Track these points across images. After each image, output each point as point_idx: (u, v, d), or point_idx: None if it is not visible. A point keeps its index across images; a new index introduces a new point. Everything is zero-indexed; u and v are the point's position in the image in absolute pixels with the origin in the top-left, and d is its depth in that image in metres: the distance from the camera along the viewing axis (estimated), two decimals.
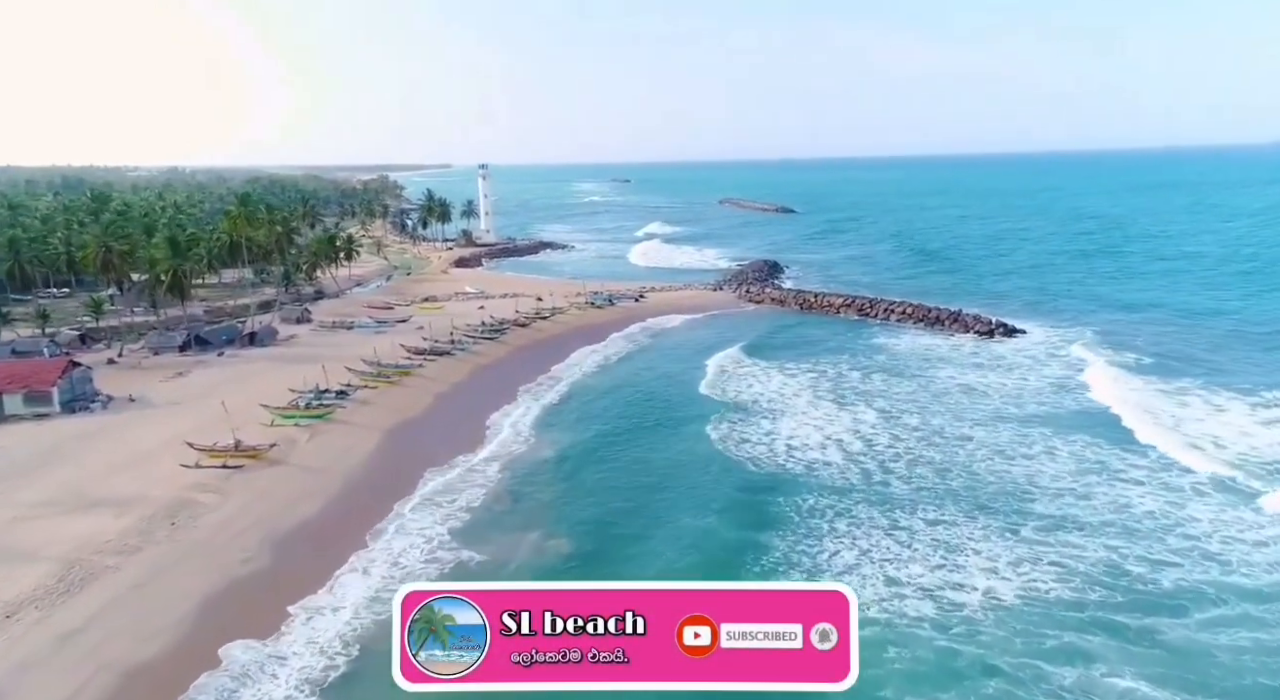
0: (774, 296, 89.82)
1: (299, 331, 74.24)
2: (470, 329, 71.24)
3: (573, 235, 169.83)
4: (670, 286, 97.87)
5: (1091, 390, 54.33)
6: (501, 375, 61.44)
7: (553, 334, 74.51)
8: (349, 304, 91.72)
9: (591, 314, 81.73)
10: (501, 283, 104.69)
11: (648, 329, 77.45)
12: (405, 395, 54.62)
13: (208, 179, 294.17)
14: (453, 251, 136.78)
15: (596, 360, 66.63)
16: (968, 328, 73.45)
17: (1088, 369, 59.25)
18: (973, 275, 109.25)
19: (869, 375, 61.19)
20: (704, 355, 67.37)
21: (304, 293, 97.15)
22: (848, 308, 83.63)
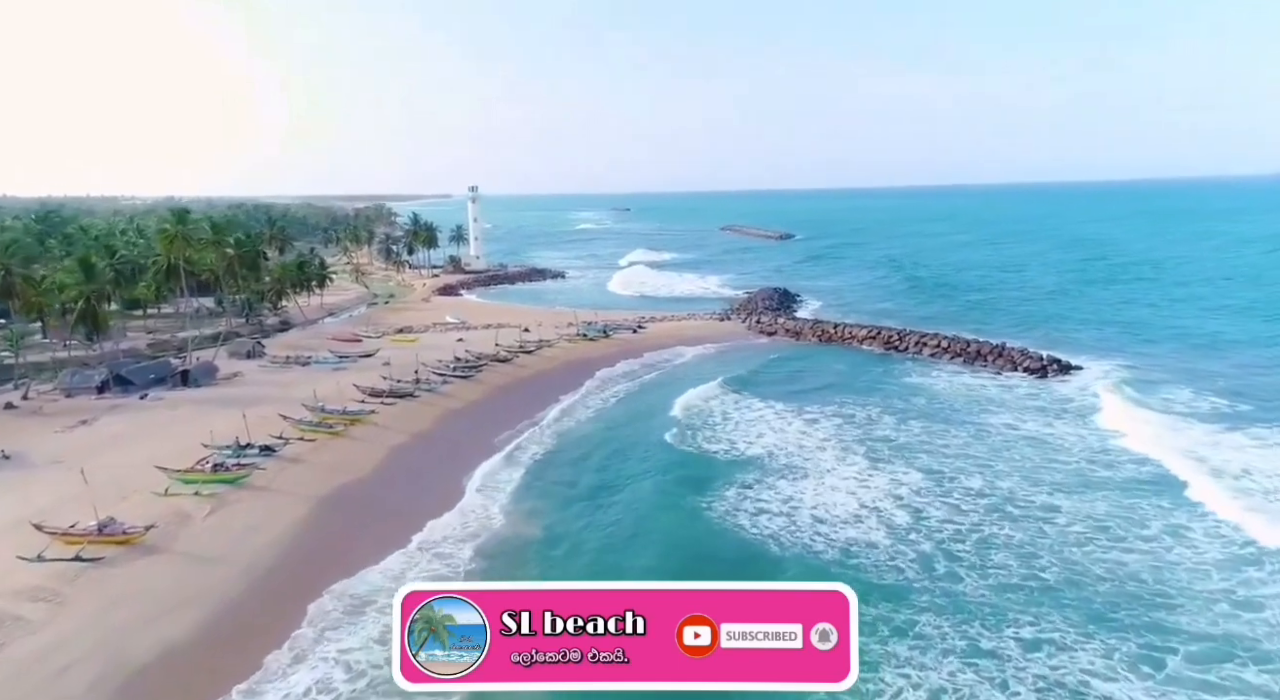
0: (788, 327, 79.83)
1: (245, 369, 64.06)
2: (442, 365, 61.16)
3: (568, 262, 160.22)
4: (672, 316, 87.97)
5: (1203, 448, 43.95)
6: (474, 422, 51.21)
7: (539, 370, 64.38)
8: (314, 336, 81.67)
9: (584, 347, 71.69)
10: (486, 312, 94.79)
11: (647, 365, 67.30)
12: (351, 450, 44.28)
13: (198, 207, 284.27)
14: (438, 278, 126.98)
15: (589, 403, 56.41)
16: (1014, 364, 63.35)
17: (1182, 418, 49.06)
18: (993, 303, 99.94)
19: (906, 421, 50.98)
20: (709, 396, 57.21)
21: (266, 324, 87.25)
22: (872, 340, 73.59)
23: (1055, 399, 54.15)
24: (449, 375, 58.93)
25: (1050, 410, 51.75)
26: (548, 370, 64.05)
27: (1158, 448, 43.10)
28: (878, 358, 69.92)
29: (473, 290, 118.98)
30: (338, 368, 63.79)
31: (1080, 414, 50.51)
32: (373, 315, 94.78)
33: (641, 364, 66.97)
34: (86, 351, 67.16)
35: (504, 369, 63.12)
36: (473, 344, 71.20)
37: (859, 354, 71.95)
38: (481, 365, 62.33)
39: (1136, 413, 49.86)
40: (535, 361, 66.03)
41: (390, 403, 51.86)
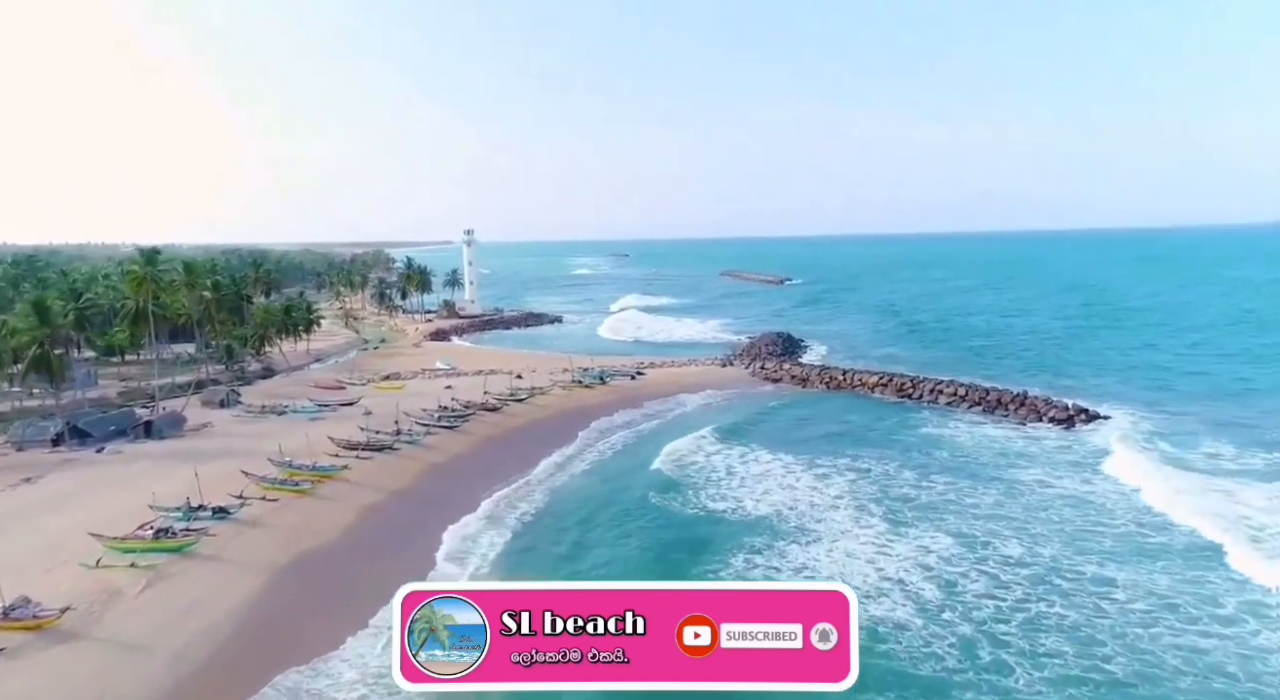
0: (794, 373, 75.74)
1: (217, 419, 59.77)
2: (426, 415, 56.90)
3: (565, 306, 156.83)
4: (672, 362, 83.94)
5: (1266, 512, 39.45)
6: (458, 478, 46.78)
7: (531, 420, 60.07)
8: (296, 383, 77.48)
9: (580, 395, 67.48)
10: (478, 357, 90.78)
11: (647, 414, 63.01)
12: (318, 511, 39.80)
13: (196, 253, 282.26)
14: (431, 323, 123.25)
15: (584, 456, 52.00)
16: (1039, 413, 59.14)
17: (1235, 477, 44.64)
18: (1001, 348, 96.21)
19: (928, 477, 46.58)
20: (713, 449, 52.96)
21: (248, 370, 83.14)
22: (884, 387, 69.43)
23: (1089, 452, 49.79)
24: (433, 426, 54.63)
25: (1085, 465, 47.37)
26: (540, 420, 59.77)
27: (1216, 511, 38.60)
28: (891, 406, 65.69)
29: (466, 335, 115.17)
30: (315, 417, 59.53)
31: (1118, 470, 46.10)
32: (359, 361, 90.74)
33: (641, 413, 62.70)
34: (48, 401, 62.99)
35: (493, 419, 58.85)
36: (461, 391, 67.03)
37: (870, 402, 67.76)
38: (469, 414, 58.07)
39: (1182, 470, 45.47)
40: (527, 410, 61.79)
41: (366, 457, 47.49)
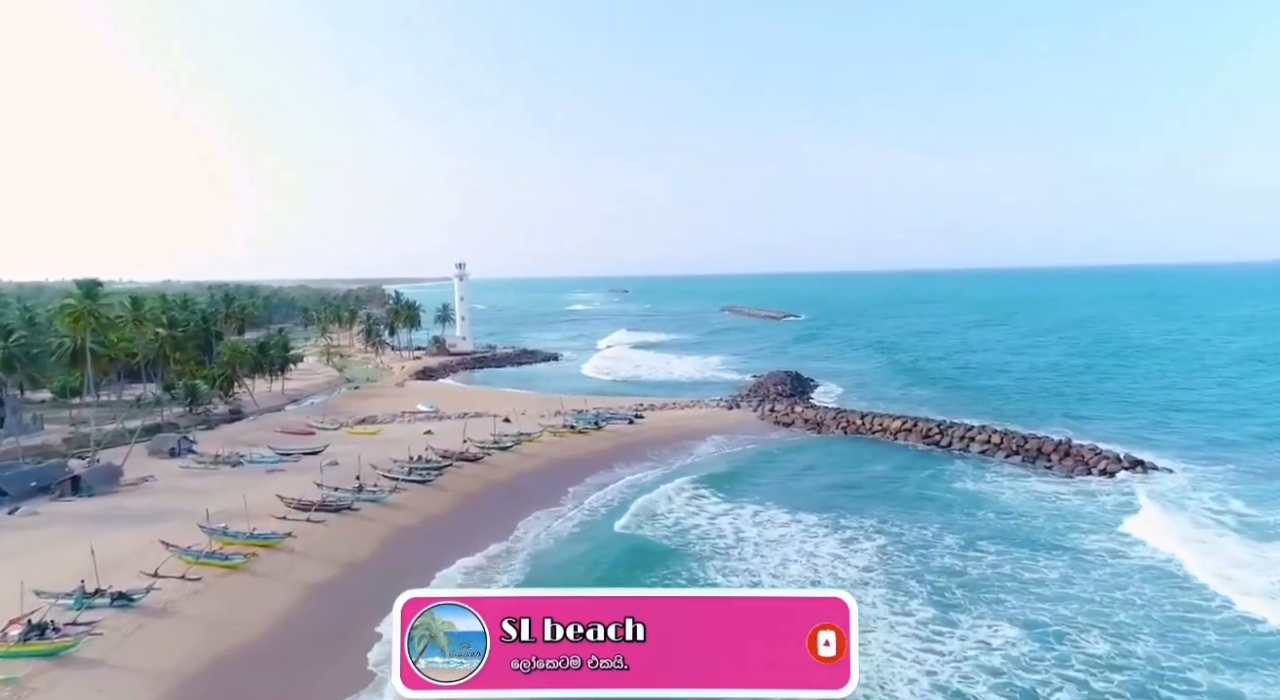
0: (807, 417, 68.97)
1: (163, 471, 52.87)
2: (397, 467, 50.07)
3: (560, 343, 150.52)
4: (674, 403, 77.19)
5: None
6: (424, 546, 39.77)
7: (517, 472, 53.15)
8: (263, 427, 70.66)
9: (573, 442, 60.64)
10: (465, 398, 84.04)
11: (647, 463, 56.15)
12: (249, 593, 32.82)
13: (188, 290, 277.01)
14: (419, 361, 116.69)
15: (574, 517, 44.98)
16: (1085, 464, 52.38)
17: None
18: (1021, 387, 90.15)
19: (974, 544, 39.66)
20: (722, 509, 46.14)
21: (214, 413, 76.36)
22: (908, 433, 62.65)
23: (1157, 513, 42.79)
24: (403, 480, 47.75)
25: (1157, 529, 40.38)
26: (527, 472, 52.90)
27: None
28: (918, 455, 58.87)
29: (456, 374, 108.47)
30: (274, 469, 52.73)
31: (1200, 538, 39.18)
32: (335, 403, 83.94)
33: (640, 464, 55.80)
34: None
35: (473, 471, 51.98)
36: (442, 437, 60.31)
37: (894, 449, 60.94)
38: (445, 466, 51.20)
39: (1275, 539, 38.58)
40: (512, 460, 54.92)
41: (319, 519, 40.55)
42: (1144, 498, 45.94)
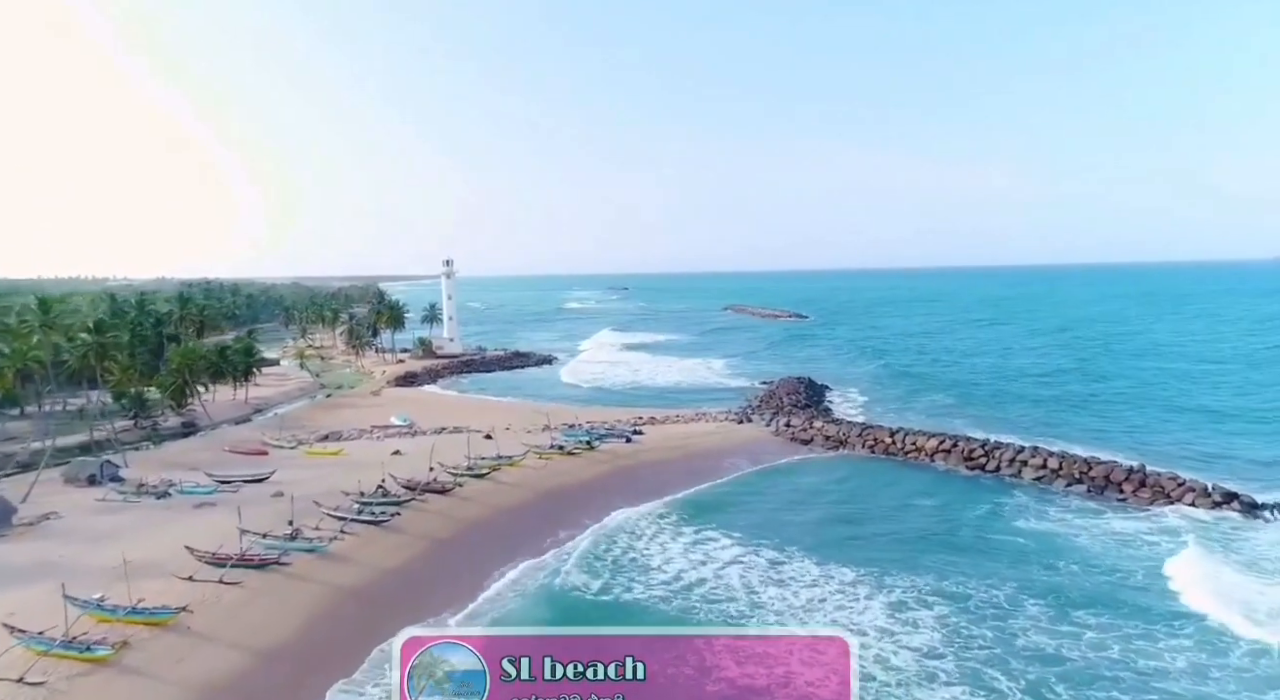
0: (829, 433, 60.35)
1: (74, 503, 44.26)
2: (348, 502, 41.44)
3: (556, 344, 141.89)
4: (676, 415, 68.58)
5: None
6: (365, 617, 31.13)
7: (493, 507, 44.43)
8: (212, 444, 62.07)
9: (560, 466, 51.93)
10: (446, 409, 75.46)
11: (645, 493, 47.42)
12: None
13: (176, 288, 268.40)
14: (403, 364, 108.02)
15: (558, 572, 36.49)
16: (1166, 494, 43.90)
17: None
18: (1058, 396, 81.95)
19: (1066, 612, 31.10)
20: (731, 553, 37.79)
21: (163, 427, 67.75)
22: (946, 454, 54.06)
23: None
24: (352, 520, 39.13)
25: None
26: (505, 508, 44.23)
27: None
28: (963, 482, 50.28)
29: (440, 379, 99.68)
30: (205, 501, 44.13)
31: None
32: (301, 415, 75.22)
33: (638, 494, 47.18)
34: None
35: (441, 505, 43.34)
36: (412, 458, 51.81)
37: (932, 474, 52.36)
38: (407, 501, 42.59)
39: None
40: (489, 492, 46.26)
41: (234, 581, 31.98)
42: (1251, 540, 37.47)
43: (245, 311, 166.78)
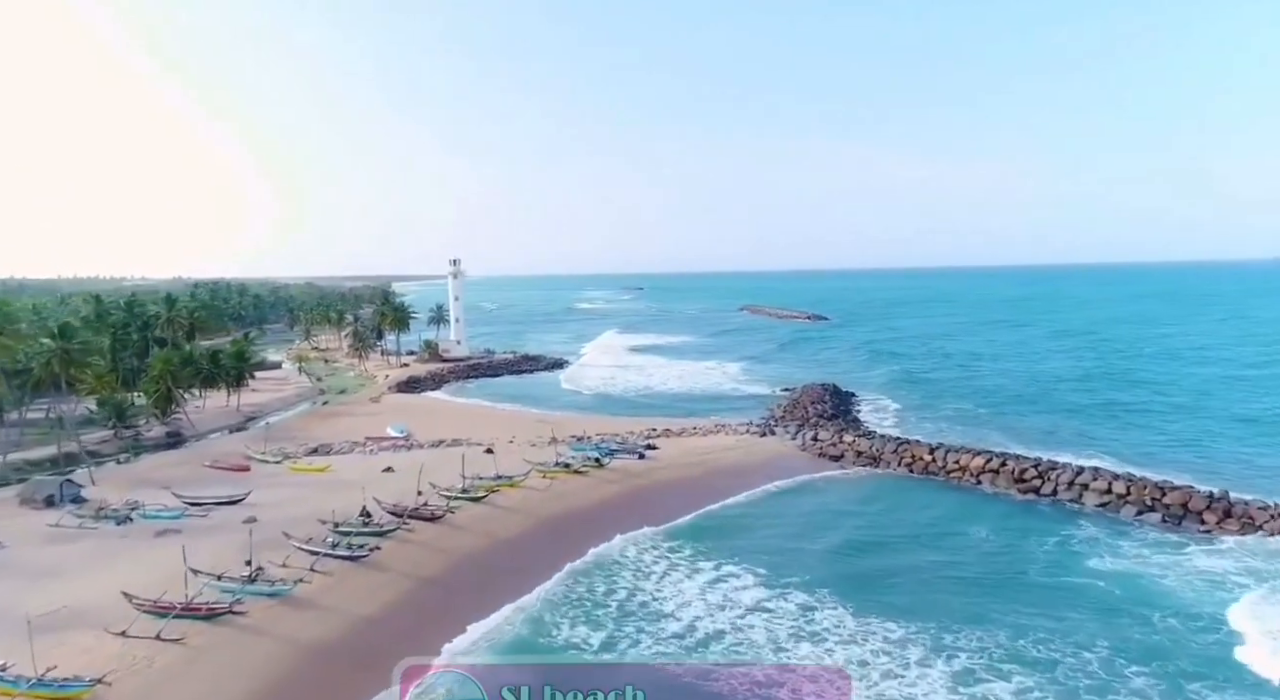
0: (861, 449, 54.81)
1: (25, 529, 39.42)
2: (325, 532, 36.39)
3: (567, 346, 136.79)
4: (693, 427, 63.14)
5: None
6: (331, 682, 26.12)
7: (489, 537, 39.17)
8: (191, 458, 57.25)
9: (566, 487, 46.66)
10: (447, 418, 70.37)
11: (660, 521, 42.15)
12: None
13: (186, 287, 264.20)
14: (408, 368, 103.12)
15: (556, 620, 31.31)
16: (1256, 525, 38.19)
17: None
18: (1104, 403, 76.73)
19: (1180, 689, 25.51)
20: (753, 598, 32.46)
21: (145, 437, 63.05)
22: (994, 475, 48.38)
23: None
24: (326, 555, 34.05)
25: None
26: (502, 539, 39.02)
27: None
28: (1017, 507, 44.60)
29: (446, 384, 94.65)
30: (169, 528, 39.24)
31: None
32: (293, 424, 70.29)
33: (652, 521, 41.84)
34: None
35: (429, 535, 38.22)
36: (405, 474, 46.72)
37: (980, 498, 46.70)
38: (391, 531, 37.48)
39: None
40: (484, 518, 41.08)
41: (175, 637, 26.92)
42: None
43: (252, 312, 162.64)
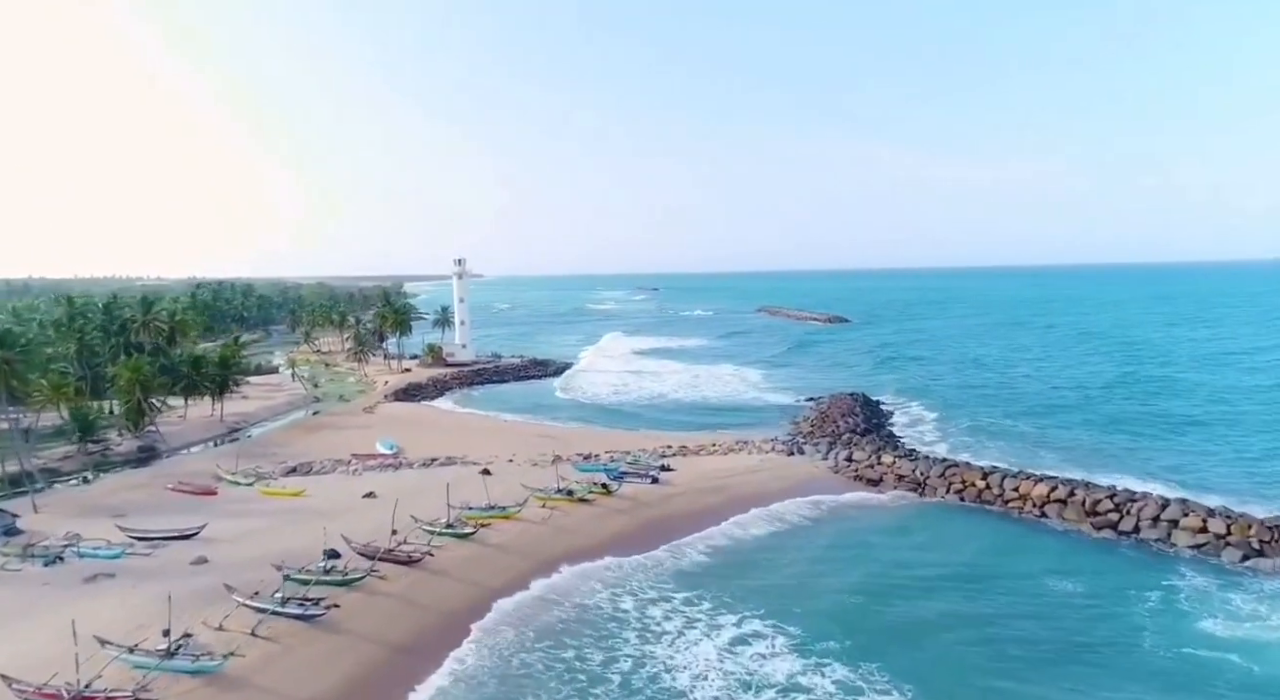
0: (902, 472, 48.23)
1: None
2: (273, 584, 30.35)
3: (579, 349, 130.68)
4: (712, 443, 56.68)
5: None
6: None
7: (475, 585, 33.08)
8: (156, 478, 51.46)
9: (570, 519, 40.38)
10: (444, 430, 64.31)
11: (678, 560, 35.85)
12: None
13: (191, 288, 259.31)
14: (409, 373, 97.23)
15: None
16: None
17: None
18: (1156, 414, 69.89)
19: None
20: (787, 666, 26.20)
21: (112, 452, 57.48)
22: (1061, 505, 41.64)
23: None
24: (274, 613, 27.98)
25: None
26: (486, 586, 32.72)
27: None
28: (1095, 548, 37.81)
29: (449, 392, 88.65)
30: (102, 572, 33.37)
31: None
32: (277, 437, 64.31)
33: (664, 564, 35.58)
34: None
35: (405, 584, 32.08)
36: (387, 500, 40.68)
37: (1049, 535, 39.93)
38: (357, 579, 31.39)
39: None
40: (469, 561, 34.85)
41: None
42: None
43: (256, 314, 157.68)
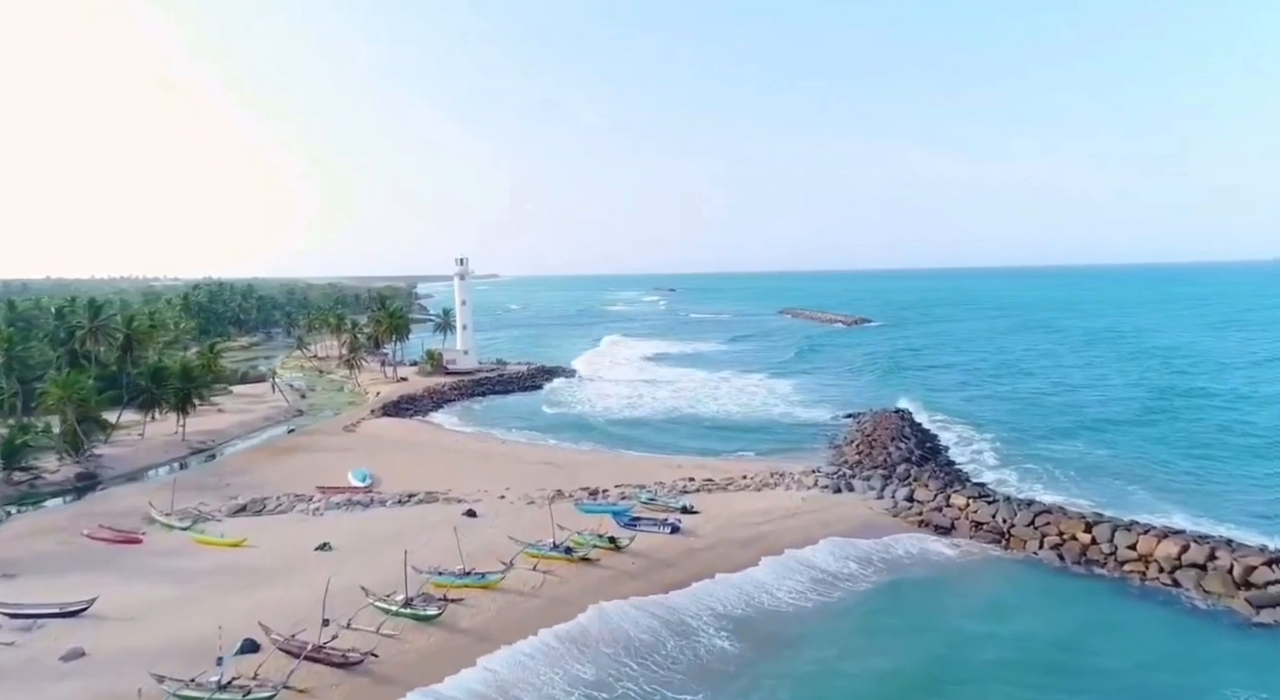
0: (979, 518, 38.91)
1: None
2: (168, 697, 21.63)
3: (591, 353, 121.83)
4: (744, 476, 47.50)
5: None
6: None
7: (436, 695, 24.42)
8: (78, 517, 42.87)
9: (563, 588, 31.27)
10: (433, 455, 55.50)
11: (703, 644, 26.83)
12: None
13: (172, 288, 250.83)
14: (406, 381, 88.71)
15: None
16: None
17: None
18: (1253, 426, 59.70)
19: None
20: None
21: (43, 481, 49.14)
22: (1199, 571, 32.23)
23: None
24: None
25: None
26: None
27: None
28: (1255, 637, 28.54)
29: (447, 404, 79.80)
30: None
31: None
32: (237, 461, 55.39)
33: (683, 657, 26.51)
34: None
35: (336, 695, 23.26)
36: (344, 554, 31.89)
37: (1188, 616, 30.51)
38: (266, 699, 22.57)
39: None
40: (423, 659, 25.83)
41: None
42: None
43: (257, 316, 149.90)
